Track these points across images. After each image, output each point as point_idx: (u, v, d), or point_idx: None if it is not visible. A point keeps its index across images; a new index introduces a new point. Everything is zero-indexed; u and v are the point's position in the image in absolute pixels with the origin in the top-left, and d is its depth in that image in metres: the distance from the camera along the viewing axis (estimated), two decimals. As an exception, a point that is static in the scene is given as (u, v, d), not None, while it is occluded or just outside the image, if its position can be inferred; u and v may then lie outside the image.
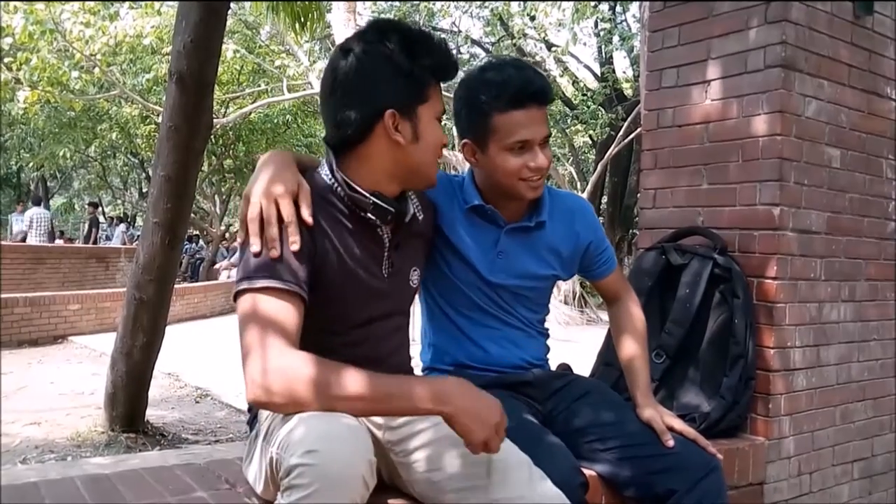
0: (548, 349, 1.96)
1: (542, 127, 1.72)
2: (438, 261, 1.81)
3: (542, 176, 1.75)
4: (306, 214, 1.40)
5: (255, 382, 1.26)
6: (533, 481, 1.41)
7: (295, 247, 1.36)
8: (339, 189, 1.48)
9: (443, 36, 2.03)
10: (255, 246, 1.35)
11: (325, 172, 1.51)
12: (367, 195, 1.46)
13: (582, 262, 1.91)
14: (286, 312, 1.32)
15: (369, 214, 1.48)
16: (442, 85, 1.56)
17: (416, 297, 1.90)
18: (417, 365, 1.84)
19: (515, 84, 1.69)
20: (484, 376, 1.81)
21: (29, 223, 14.80)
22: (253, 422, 1.53)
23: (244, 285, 1.34)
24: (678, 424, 1.75)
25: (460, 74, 1.73)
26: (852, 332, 2.51)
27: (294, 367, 1.25)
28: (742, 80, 2.30)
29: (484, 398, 1.31)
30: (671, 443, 1.68)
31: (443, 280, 1.82)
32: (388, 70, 1.44)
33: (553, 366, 1.98)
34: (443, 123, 1.60)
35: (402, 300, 1.62)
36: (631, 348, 1.91)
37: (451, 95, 1.89)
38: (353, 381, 1.25)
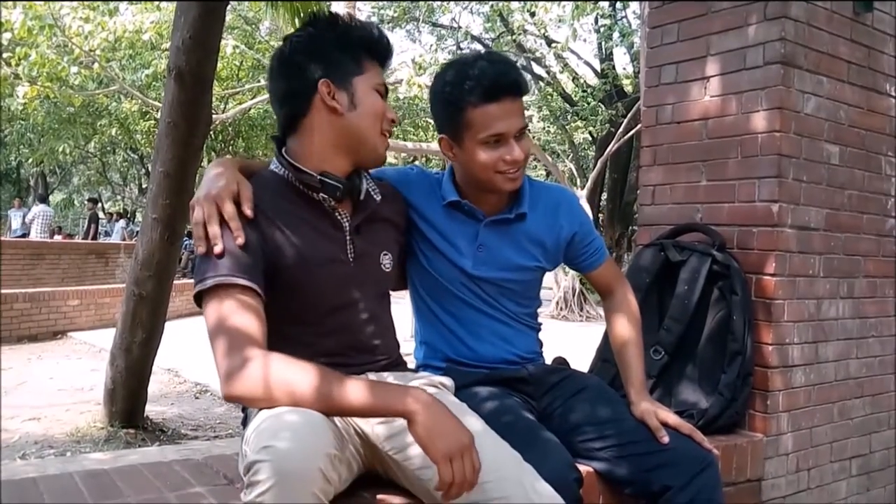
0: (540, 343, 1.95)
1: (517, 119, 1.71)
2: (420, 258, 1.82)
3: (519, 168, 1.74)
4: (247, 209, 1.43)
5: (231, 382, 1.30)
6: (525, 479, 1.41)
7: (240, 241, 1.39)
8: (288, 175, 1.53)
9: (450, 42, 2.07)
10: (200, 247, 1.40)
11: (274, 167, 1.56)
12: (314, 173, 1.51)
13: (568, 254, 1.91)
14: (241, 307, 1.35)
15: (322, 195, 1.51)
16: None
17: (409, 294, 1.91)
18: (411, 362, 1.84)
19: (489, 77, 1.68)
20: (476, 373, 1.81)
21: (32, 219, 14.83)
22: (246, 421, 1.54)
23: (197, 288, 1.39)
24: (673, 419, 1.74)
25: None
26: (851, 328, 2.51)
27: (267, 370, 1.28)
28: (741, 77, 2.30)
29: (457, 421, 1.31)
30: (666, 439, 1.68)
31: (426, 277, 1.83)
32: (320, 46, 1.53)
33: (548, 360, 1.98)
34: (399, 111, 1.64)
35: (374, 284, 1.63)
36: (624, 340, 1.90)
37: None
38: (327, 382, 1.28)
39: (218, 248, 1.37)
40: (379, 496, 1.49)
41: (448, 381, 1.67)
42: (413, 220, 1.80)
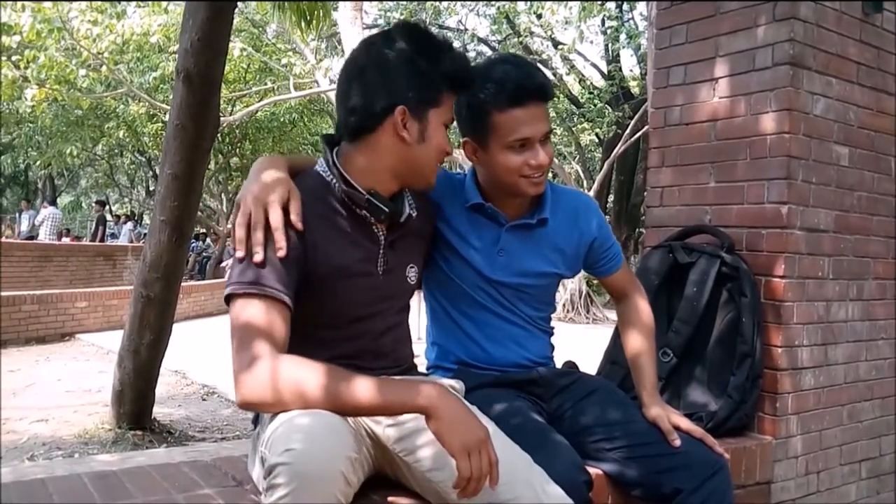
0: (552, 347, 1.95)
1: (542, 124, 1.71)
2: (439, 260, 1.81)
3: (544, 172, 1.74)
4: (296, 219, 1.41)
5: (239, 386, 1.29)
6: (536, 481, 1.41)
7: (281, 253, 1.38)
8: (335, 184, 1.50)
9: (457, 44, 2.04)
10: (240, 252, 1.38)
11: (321, 169, 1.53)
12: (363, 192, 1.49)
13: (587, 260, 1.90)
14: (270, 318, 1.34)
15: (364, 211, 1.50)
16: None
17: (421, 295, 1.91)
18: (422, 363, 1.84)
19: (514, 81, 1.67)
20: (487, 374, 1.81)
21: (41, 221, 14.91)
22: (256, 420, 1.55)
23: (229, 290, 1.37)
24: (685, 423, 1.74)
25: None
26: (860, 330, 2.50)
27: (276, 371, 1.28)
28: (750, 78, 2.29)
29: (473, 415, 1.32)
30: (677, 442, 1.67)
31: (444, 279, 1.82)
32: (407, 68, 1.47)
33: (558, 363, 1.97)
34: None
35: (399, 296, 1.63)
36: (637, 345, 1.90)
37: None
38: (336, 381, 1.27)
39: (258, 258, 1.36)
40: (389, 498, 1.49)
41: (458, 384, 1.67)
42: (437, 224, 1.78)
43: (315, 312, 1.47)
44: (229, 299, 1.37)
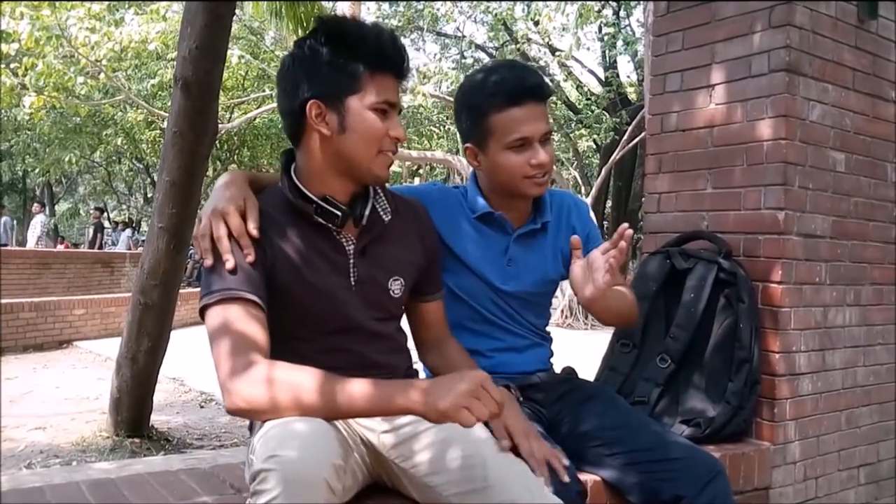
0: (551, 353, 1.96)
1: (541, 123, 1.71)
2: (445, 277, 1.77)
3: (547, 172, 1.73)
4: (252, 228, 1.42)
5: (231, 392, 1.29)
6: (531, 487, 1.41)
7: (250, 258, 1.39)
8: (288, 194, 1.50)
9: (454, 51, 2.02)
10: (207, 261, 1.40)
11: (281, 182, 1.53)
12: (314, 198, 1.47)
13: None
14: (248, 320, 1.34)
15: (319, 219, 1.48)
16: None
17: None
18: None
19: (510, 82, 1.69)
20: (488, 380, 1.80)
21: (39, 234, 14.89)
22: (252, 428, 1.54)
23: (203, 301, 1.38)
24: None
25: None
26: (857, 336, 2.50)
27: (270, 375, 1.28)
28: (746, 85, 2.30)
29: (455, 375, 1.27)
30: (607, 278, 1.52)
31: (448, 295, 1.78)
32: (314, 62, 1.46)
33: (557, 370, 1.97)
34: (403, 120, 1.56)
35: (380, 308, 1.57)
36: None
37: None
38: (322, 384, 1.27)
39: (230, 265, 1.37)
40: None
41: None
42: (439, 239, 1.73)
43: (289, 326, 1.46)
44: (204, 311, 1.38)
